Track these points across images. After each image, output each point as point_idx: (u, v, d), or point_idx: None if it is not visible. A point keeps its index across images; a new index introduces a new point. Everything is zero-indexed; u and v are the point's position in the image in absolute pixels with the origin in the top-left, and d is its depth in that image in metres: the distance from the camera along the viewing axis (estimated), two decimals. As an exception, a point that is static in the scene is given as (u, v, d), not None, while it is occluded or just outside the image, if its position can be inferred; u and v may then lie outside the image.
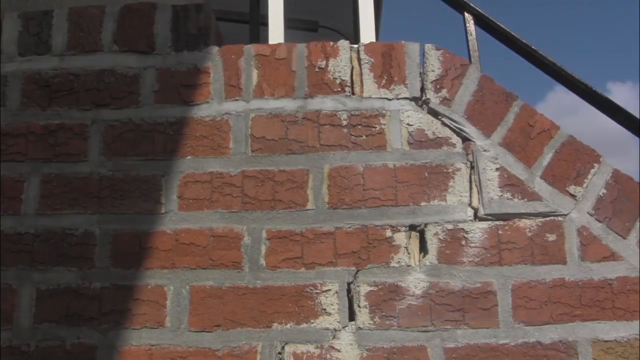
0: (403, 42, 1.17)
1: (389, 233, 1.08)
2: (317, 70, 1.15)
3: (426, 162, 1.11)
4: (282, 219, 1.09)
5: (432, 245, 1.07)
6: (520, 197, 1.08)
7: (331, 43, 1.17)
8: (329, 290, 1.05)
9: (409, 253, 1.07)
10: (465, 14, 1.43)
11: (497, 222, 1.08)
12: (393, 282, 1.05)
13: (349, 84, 1.14)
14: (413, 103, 1.14)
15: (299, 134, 1.12)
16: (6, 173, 1.12)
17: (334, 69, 1.15)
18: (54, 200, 1.11)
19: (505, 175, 1.09)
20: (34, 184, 1.12)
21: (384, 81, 1.14)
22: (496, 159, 1.10)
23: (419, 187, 1.09)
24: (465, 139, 1.12)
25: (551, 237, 1.06)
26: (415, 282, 1.05)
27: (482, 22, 1.42)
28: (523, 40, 1.39)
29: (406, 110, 1.13)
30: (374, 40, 1.62)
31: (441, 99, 1.13)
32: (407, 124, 1.13)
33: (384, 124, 1.13)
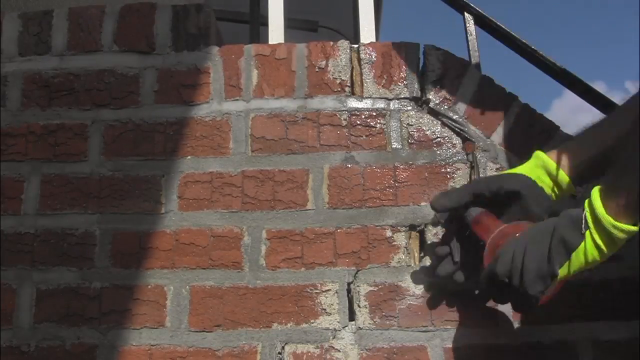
0: (403, 42, 1.17)
1: (389, 233, 1.08)
2: (317, 70, 1.15)
3: (426, 162, 1.11)
4: (282, 219, 1.09)
5: (433, 245, 1.07)
6: (520, 197, 1.08)
7: (331, 43, 1.17)
8: (329, 290, 1.05)
9: (409, 253, 1.07)
10: (465, 14, 1.44)
11: (497, 222, 1.08)
12: (393, 282, 1.05)
13: (349, 84, 1.15)
14: (413, 103, 1.14)
15: (299, 134, 1.12)
16: (6, 173, 1.12)
17: (334, 69, 1.15)
18: (54, 200, 1.11)
19: (505, 175, 1.09)
20: (34, 184, 1.12)
21: (384, 81, 1.14)
22: (496, 159, 1.10)
23: (419, 187, 1.09)
24: (465, 139, 1.12)
25: (551, 237, 1.06)
26: (415, 282, 1.05)
27: (482, 22, 1.42)
28: (523, 40, 1.39)
29: (406, 110, 1.13)
30: (374, 40, 1.62)
31: (441, 99, 1.13)
32: (407, 124, 1.13)
33: (384, 124, 1.13)
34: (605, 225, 0.79)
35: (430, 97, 1.13)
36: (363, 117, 1.13)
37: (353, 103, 1.14)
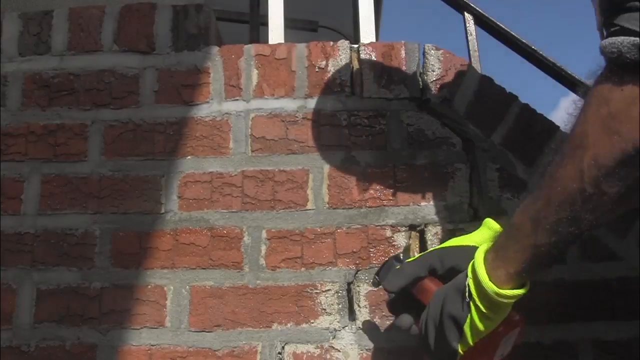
0: (403, 42, 1.17)
1: (389, 233, 1.08)
2: (317, 70, 1.15)
3: (426, 162, 1.11)
4: (282, 219, 1.09)
5: (433, 245, 1.07)
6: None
7: (331, 43, 1.17)
8: (329, 290, 1.05)
9: (409, 253, 1.07)
10: (465, 14, 1.44)
11: (497, 222, 1.08)
12: (393, 282, 1.05)
13: (349, 84, 1.14)
14: (413, 103, 1.14)
15: (299, 134, 1.12)
16: (6, 173, 1.12)
17: (334, 69, 1.15)
18: (54, 200, 1.11)
19: (505, 175, 1.09)
20: (34, 184, 1.12)
21: (384, 81, 1.14)
22: (496, 159, 1.10)
23: (419, 187, 1.09)
24: (465, 139, 1.12)
25: (551, 237, 1.06)
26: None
27: (482, 22, 1.43)
28: (523, 40, 1.39)
29: (406, 110, 1.13)
30: (374, 40, 1.62)
31: (441, 99, 1.13)
32: (407, 124, 1.13)
33: (384, 124, 1.13)
34: (489, 294, 0.72)
35: (430, 97, 1.13)
36: (363, 117, 1.13)
37: (353, 103, 1.14)
